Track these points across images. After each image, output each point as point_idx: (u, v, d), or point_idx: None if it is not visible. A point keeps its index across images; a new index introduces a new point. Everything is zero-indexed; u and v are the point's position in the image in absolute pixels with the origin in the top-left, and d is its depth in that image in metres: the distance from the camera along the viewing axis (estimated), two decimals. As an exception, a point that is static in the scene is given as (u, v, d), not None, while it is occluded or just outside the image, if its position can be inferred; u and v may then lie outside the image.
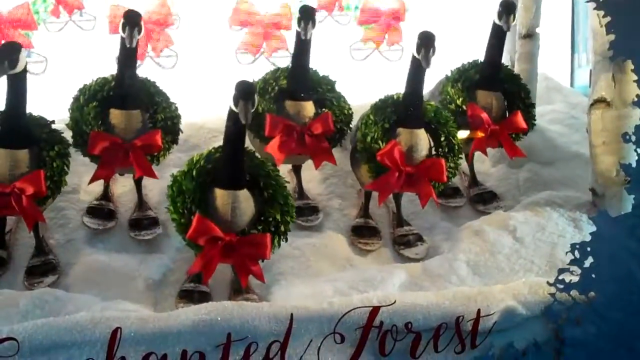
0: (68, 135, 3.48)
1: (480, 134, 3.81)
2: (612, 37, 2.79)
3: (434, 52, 3.34)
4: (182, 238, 3.09)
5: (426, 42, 3.33)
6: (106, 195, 3.71)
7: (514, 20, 3.77)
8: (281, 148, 3.53)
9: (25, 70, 3.20)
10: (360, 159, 3.53)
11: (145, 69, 4.22)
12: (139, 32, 3.41)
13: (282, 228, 3.10)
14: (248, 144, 3.16)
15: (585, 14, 4.86)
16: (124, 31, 3.38)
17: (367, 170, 3.50)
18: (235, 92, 2.92)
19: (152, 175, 3.49)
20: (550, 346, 2.87)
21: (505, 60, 4.41)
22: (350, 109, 3.77)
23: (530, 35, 4.36)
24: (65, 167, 3.33)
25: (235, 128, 3.01)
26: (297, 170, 3.88)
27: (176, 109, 3.63)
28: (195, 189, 3.04)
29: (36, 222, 3.31)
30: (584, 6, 4.59)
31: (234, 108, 2.94)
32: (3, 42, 4.15)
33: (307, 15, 3.55)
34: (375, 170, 3.45)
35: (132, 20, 3.39)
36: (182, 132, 3.66)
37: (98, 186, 3.64)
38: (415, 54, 3.38)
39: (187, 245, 3.10)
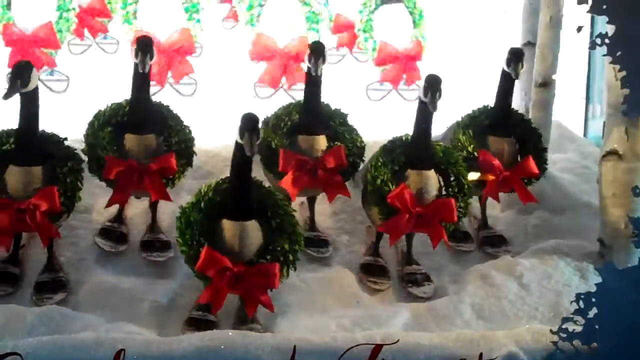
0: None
1: (491, 177, 3.83)
2: (626, 91, 2.81)
3: (440, 95, 3.37)
4: (191, 269, 3.11)
5: (433, 85, 3.36)
6: (120, 217, 3.75)
7: (522, 67, 3.81)
8: (294, 183, 3.56)
9: (37, 89, 3.24)
10: (371, 201, 3.55)
11: (164, 96, 4.27)
12: (151, 58, 3.47)
13: (291, 257, 3.11)
14: (255, 173, 3.20)
15: (601, 66, 4.91)
16: (136, 57, 3.44)
17: (377, 212, 3.52)
18: (241, 124, 2.97)
19: (167, 198, 3.53)
20: (551, 395, 2.86)
21: (520, 107, 4.46)
22: (362, 141, 3.79)
23: (546, 84, 4.39)
24: (79, 183, 3.37)
25: (241, 160, 3.05)
26: (311, 201, 3.90)
27: (190, 132, 3.66)
28: (203, 220, 3.07)
29: (51, 238, 3.34)
30: (600, 58, 4.63)
31: (239, 140, 2.98)
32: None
33: (317, 52, 3.59)
34: (385, 212, 3.47)
35: (144, 46, 3.45)
36: (195, 155, 3.69)
37: (111, 207, 3.67)
38: (422, 97, 3.42)
39: (196, 276, 3.12)
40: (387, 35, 4.89)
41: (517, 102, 4.57)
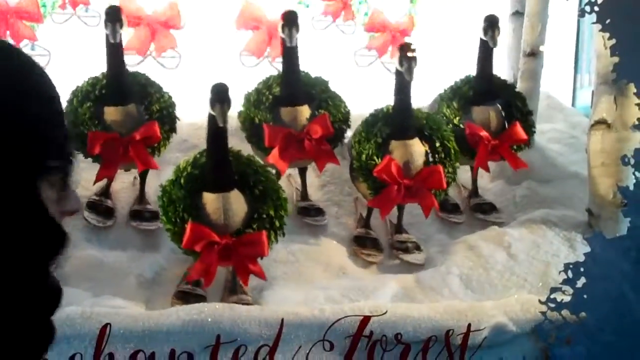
0: None
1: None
2: (616, 59, 2.78)
3: (415, 64, 3.34)
4: (178, 247, 3.08)
5: (407, 54, 3.34)
6: (107, 191, 3.70)
7: (498, 34, 3.78)
8: (282, 157, 3.52)
9: None
10: (359, 176, 3.53)
11: (147, 68, 4.21)
12: (121, 27, 3.42)
13: (277, 223, 3.09)
14: (233, 143, 3.17)
15: (589, 35, 4.88)
16: (106, 27, 3.40)
17: (366, 187, 3.49)
18: (211, 95, 2.95)
19: (153, 166, 3.50)
20: (539, 364, 2.87)
21: (508, 77, 4.42)
22: (346, 107, 3.74)
23: (534, 54, 4.36)
24: None
25: (215, 131, 3.02)
26: (302, 172, 3.86)
27: (170, 97, 3.63)
28: (185, 196, 3.04)
29: None
30: (589, 27, 4.60)
31: (211, 112, 2.96)
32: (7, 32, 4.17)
33: (290, 22, 3.54)
34: (374, 186, 3.45)
35: (113, 15, 3.41)
36: (179, 120, 3.65)
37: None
38: (398, 67, 3.38)
39: (184, 253, 3.09)
40: (382, 5, 4.84)
41: (505, 72, 4.54)
